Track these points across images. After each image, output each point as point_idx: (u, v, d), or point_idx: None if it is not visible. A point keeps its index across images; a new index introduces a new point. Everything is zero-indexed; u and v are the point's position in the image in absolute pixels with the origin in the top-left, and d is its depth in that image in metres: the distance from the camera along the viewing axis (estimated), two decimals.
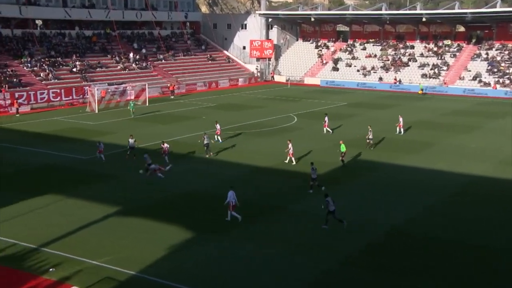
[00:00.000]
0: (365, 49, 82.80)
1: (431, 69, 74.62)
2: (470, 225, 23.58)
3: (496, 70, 71.02)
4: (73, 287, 17.52)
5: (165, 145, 33.23)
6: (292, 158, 33.03)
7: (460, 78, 71.76)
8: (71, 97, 57.80)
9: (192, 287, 17.75)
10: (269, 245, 21.22)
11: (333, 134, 41.74)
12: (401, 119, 42.84)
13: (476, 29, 79.78)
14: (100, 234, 22.06)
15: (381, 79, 75.37)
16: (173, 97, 63.53)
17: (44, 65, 62.03)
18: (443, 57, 76.20)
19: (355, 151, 36.18)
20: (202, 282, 18.19)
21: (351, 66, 79.85)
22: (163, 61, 75.72)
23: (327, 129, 42.64)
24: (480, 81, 70.08)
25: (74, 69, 63.85)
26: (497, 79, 69.53)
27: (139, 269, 18.81)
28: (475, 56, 74.87)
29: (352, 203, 26.20)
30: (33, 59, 62.20)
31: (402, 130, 42.62)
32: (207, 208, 25.34)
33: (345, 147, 32.81)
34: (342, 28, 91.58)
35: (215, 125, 39.54)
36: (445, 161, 34.30)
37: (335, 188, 27.95)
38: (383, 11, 79.30)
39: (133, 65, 70.16)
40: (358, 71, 78.36)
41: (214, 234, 22.23)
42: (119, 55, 71.04)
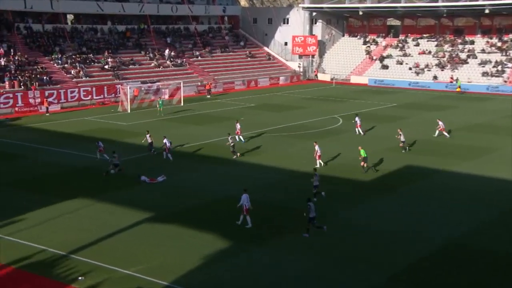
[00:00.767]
0: (418, 45, 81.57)
1: (493, 67, 72.81)
2: None
3: None
4: None
5: (164, 141, 34.03)
6: (319, 161, 33.61)
7: None
8: (102, 96, 58.94)
9: None
10: (309, 257, 21.11)
11: (386, 138, 41.20)
12: (440, 123, 42.26)
13: None
14: (131, 241, 22.42)
15: (435, 77, 74.06)
16: (209, 96, 64.00)
17: (75, 62, 63.57)
18: (508, 53, 74.20)
19: (407, 156, 36.01)
20: None
21: (402, 63, 78.78)
22: (199, 58, 76.46)
23: (359, 130, 42.86)
24: None
25: (106, 66, 65.19)
26: None
27: (171, 280, 18.98)
28: None
29: (403, 213, 25.97)
30: (64, 55, 63.81)
31: (445, 133, 42.00)
32: None
33: (365, 153, 32.44)
34: (393, 22, 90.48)
35: (236, 124, 40.10)
36: (508, 169, 33.43)
37: (386, 195, 27.98)
38: (439, 3, 77.31)
39: (168, 62, 71.13)
40: (410, 69, 77.26)
41: (250, 243, 22.27)
42: (153, 51, 72.15)
